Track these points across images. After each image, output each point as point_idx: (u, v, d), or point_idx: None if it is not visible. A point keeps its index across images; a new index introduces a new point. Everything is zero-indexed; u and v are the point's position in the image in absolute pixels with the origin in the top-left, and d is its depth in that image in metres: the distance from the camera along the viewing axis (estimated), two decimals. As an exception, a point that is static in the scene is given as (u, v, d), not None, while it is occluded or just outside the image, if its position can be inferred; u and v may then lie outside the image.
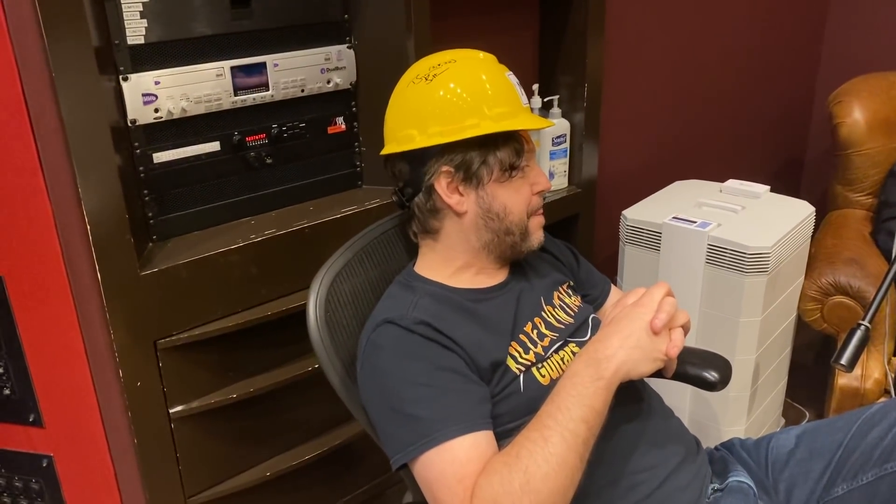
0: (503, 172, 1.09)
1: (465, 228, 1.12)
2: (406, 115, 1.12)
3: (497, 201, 1.10)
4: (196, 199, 1.40)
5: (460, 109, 1.08)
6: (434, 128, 1.08)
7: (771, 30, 2.70)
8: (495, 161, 1.09)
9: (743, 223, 1.76)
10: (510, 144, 1.09)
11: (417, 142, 1.09)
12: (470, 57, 1.13)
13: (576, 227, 1.98)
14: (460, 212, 1.11)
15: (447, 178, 1.09)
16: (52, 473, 1.37)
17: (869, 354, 1.81)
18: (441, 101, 1.09)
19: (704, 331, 1.76)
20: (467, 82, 1.09)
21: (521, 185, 1.12)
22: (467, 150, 1.08)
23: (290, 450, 1.53)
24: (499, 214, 1.11)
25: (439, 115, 1.08)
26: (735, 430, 1.80)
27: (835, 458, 1.12)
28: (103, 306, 1.22)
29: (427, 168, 1.10)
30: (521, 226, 1.13)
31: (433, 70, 1.10)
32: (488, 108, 1.08)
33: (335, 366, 1.12)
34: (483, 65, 1.12)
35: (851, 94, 2.23)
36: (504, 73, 1.12)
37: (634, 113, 2.30)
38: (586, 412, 0.92)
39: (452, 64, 1.11)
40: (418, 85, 1.11)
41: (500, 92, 1.10)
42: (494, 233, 1.12)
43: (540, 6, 1.93)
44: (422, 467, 0.95)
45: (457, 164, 1.09)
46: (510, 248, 1.14)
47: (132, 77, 1.26)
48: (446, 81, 1.09)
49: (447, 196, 1.10)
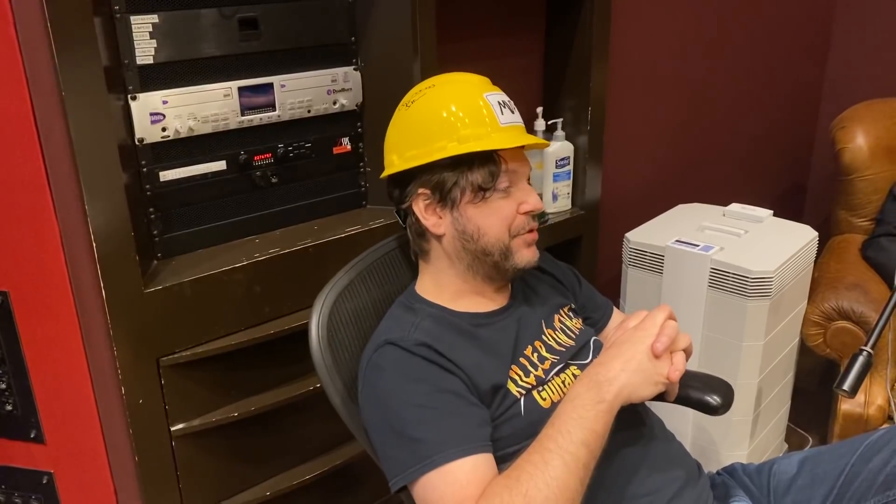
0: (475, 194, 1.09)
1: (446, 250, 1.13)
2: (390, 141, 1.16)
3: (471, 223, 1.10)
4: (201, 218, 1.41)
5: (432, 132, 1.10)
6: (410, 151, 1.11)
7: (774, 54, 2.72)
8: (467, 183, 1.09)
9: (746, 247, 1.76)
10: (486, 166, 1.09)
11: (396, 165, 1.13)
12: (450, 81, 1.15)
13: (579, 250, 1.98)
14: (438, 234, 1.12)
15: (424, 200, 1.11)
16: (53, 490, 1.37)
17: (872, 380, 1.80)
18: (415, 125, 1.12)
19: (707, 355, 1.75)
20: (440, 106, 1.11)
21: (502, 206, 1.10)
22: (441, 171, 1.09)
23: (291, 469, 1.53)
24: (473, 236, 1.11)
25: (413, 139, 1.11)
26: (737, 454, 1.79)
27: (837, 485, 1.11)
28: (107, 323, 1.22)
29: (407, 191, 1.12)
30: (500, 246, 1.11)
31: (413, 96, 1.14)
32: (458, 130, 1.09)
33: (336, 385, 1.12)
34: (461, 87, 1.13)
35: (854, 119, 2.24)
36: (483, 94, 1.12)
37: (638, 136, 2.31)
38: (587, 435, 0.92)
39: (431, 89, 1.13)
40: (401, 111, 1.15)
41: (473, 113, 1.10)
42: (473, 254, 1.12)
43: (545, 30, 1.95)
44: (422, 489, 0.95)
45: (432, 186, 1.10)
46: (493, 268, 1.13)
47: (141, 96, 1.27)
48: (422, 106, 1.12)
49: (424, 218, 1.12)
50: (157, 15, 1.26)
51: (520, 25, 1.91)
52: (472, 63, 1.55)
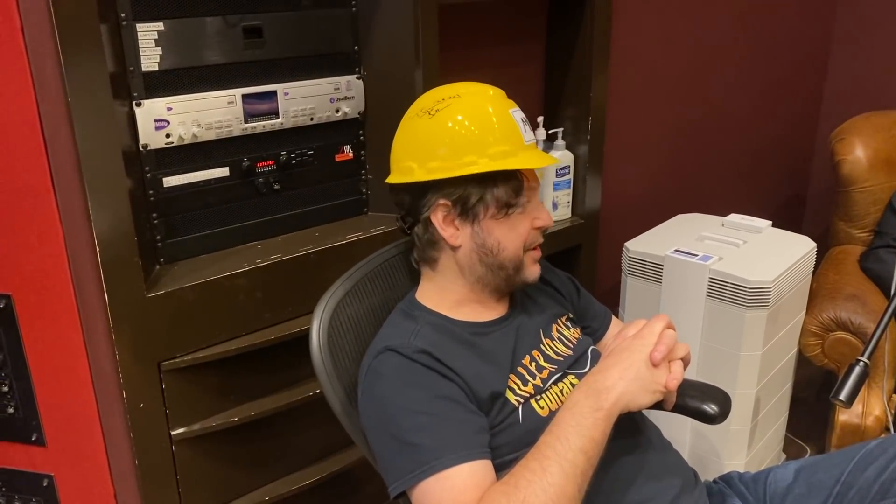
0: (499, 210, 1.10)
1: (459, 261, 1.13)
2: (408, 148, 1.13)
3: (492, 237, 1.11)
4: (204, 223, 1.42)
5: (459, 146, 1.08)
6: (433, 163, 1.09)
7: (774, 66, 2.73)
8: (492, 198, 1.09)
9: (744, 257, 1.77)
10: (509, 182, 1.10)
11: (416, 175, 1.10)
12: (474, 93, 1.13)
13: (578, 258, 1.99)
14: (455, 245, 1.12)
15: (444, 212, 1.10)
16: (53, 493, 1.37)
17: (869, 391, 1.81)
18: (441, 136, 1.09)
19: (705, 364, 1.76)
20: (469, 119, 1.09)
21: (519, 221, 1.12)
22: (465, 185, 1.08)
23: (290, 475, 1.53)
24: (492, 250, 1.11)
25: (438, 150, 1.09)
26: (735, 464, 1.80)
27: (833, 494, 1.12)
28: (109, 327, 1.23)
29: (426, 200, 1.11)
30: (515, 261, 1.13)
31: (437, 105, 1.11)
32: (488, 146, 1.08)
33: (336, 391, 1.13)
34: (487, 101, 1.12)
35: (853, 131, 2.25)
36: (508, 110, 1.12)
37: (638, 146, 2.33)
38: (585, 443, 0.92)
39: (456, 99, 1.11)
40: (422, 119, 1.12)
41: (502, 129, 1.10)
42: (488, 267, 1.12)
43: (546, 40, 1.97)
44: (420, 495, 0.96)
45: (454, 199, 1.09)
46: (504, 281, 1.14)
47: (145, 103, 1.28)
48: (448, 117, 1.10)
49: (442, 229, 1.11)
50: (162, 23, 1.27)
51: (521, 35, 1.92)
52: (474, 72, 1.56)
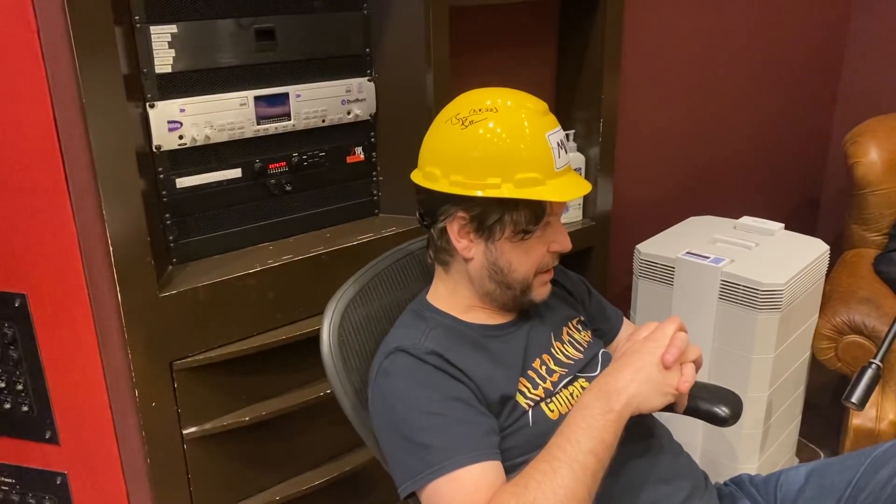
0: (516, 234, 1.08)
1: (470, 272, 1.12)
2: (435, 153, 1.11)
3: (504, 257, 1.09)
4: (216, 224, 1.43)
5: (486, 166, 1.04)
6: (456, 176, 1.06)
7: (787, 68, 2.72)
8: (510, 221, 1.07)
9: (756, 260, 1.76)
10: (531, 208, 1.06)
11: (438, 184, 1.08)
12: (513, 108, 1.07)
13: (590, 261, 1.99)
14: (467, 257, 1.11)
15: (460, 224, 1.09)
16: (66, 491, 1.39)
17: (883, 395, 1.80)
18: (469, 152, 1.05)
19: (717, 366, 1.75)
20: (500, 139, 1.05)
21: (535, 246, 1.10)
22: (486, 203, 1.06)
23: (301, 475, 1.54)
24: (503, 270, 1.10)
25: (465, 164, 1.05)
26: (747, 467, 1.79)
27: (844, 497, 1.11)
28: (122, 326, 1.24)
29: (445, 209, 1.09)
30: (524, 283, 1.11)
31: (472, 115, 1.07)
32: (515, 171, 1.04)
33: (347, 391, 1.13)
34: (524, 120, 1.07)
35: (867, 134, 2.23)
36: (545, 133, 1.06)
37: (650, 148, 2.32)
38: (596, 444, 0.92)
39: (492, 113, 1.06)
40: (454, 127, 1.07)
41: (533, 154, 1.05)
42: (497, 284, 1.11)
43: (558, 43, 1.97)
44: (430, 496, 0.96)
45: (472, 215, 1.07)
46: (511, 300, 1.13)
47: (158, 104, 1.29)
48: (480, 132, 1.05)
49: (456, 240, 1.10)
50: (175, 25, 1.28)
51: (532, 38, 1.92)
52: (486, 75, 1.56)
